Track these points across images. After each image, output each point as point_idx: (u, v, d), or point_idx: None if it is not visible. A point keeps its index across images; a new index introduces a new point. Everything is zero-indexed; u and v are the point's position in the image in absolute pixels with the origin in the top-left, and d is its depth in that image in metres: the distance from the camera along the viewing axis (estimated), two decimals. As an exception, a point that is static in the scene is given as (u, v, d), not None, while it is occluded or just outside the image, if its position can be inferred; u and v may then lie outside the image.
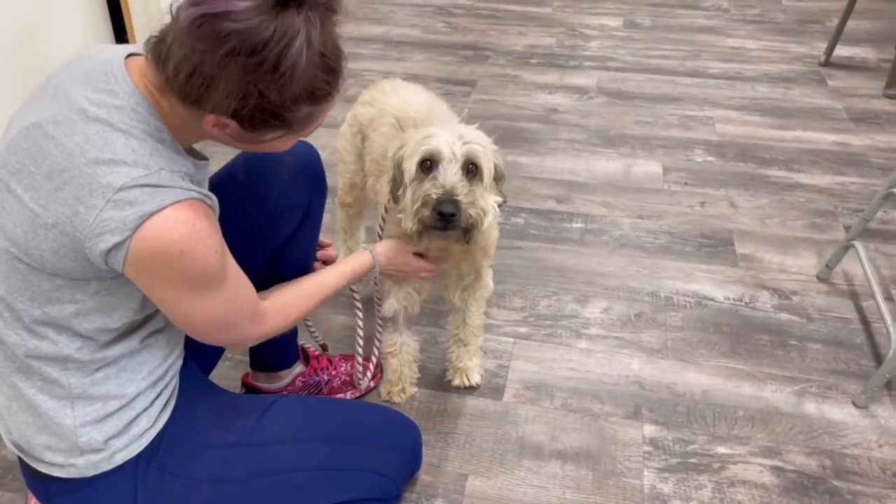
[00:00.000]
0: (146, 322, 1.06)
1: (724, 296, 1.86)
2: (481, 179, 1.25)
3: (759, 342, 1.71)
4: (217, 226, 0.98)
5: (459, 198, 1.20)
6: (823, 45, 3.18)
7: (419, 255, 1.37)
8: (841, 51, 3.18)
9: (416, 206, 1.23)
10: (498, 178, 1.30)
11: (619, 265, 1.96)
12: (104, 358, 1.02)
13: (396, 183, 1.30)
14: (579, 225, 2.12)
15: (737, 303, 1.83)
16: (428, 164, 1.24)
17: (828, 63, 3.13)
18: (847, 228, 2.04)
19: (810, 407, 1.55)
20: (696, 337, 1.73)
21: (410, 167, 1.25)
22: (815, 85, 2.96)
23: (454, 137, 1.24)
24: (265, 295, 1.14)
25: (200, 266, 0.94)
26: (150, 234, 0.89)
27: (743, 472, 1.41)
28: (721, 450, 1.46)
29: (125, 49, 0.98)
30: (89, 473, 1.07)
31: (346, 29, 0.96)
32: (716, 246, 2.03)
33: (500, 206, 1.29)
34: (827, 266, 1.89)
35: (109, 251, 0.89)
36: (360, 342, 1.46)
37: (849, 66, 3.11)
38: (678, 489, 1.38)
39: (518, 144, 2.52)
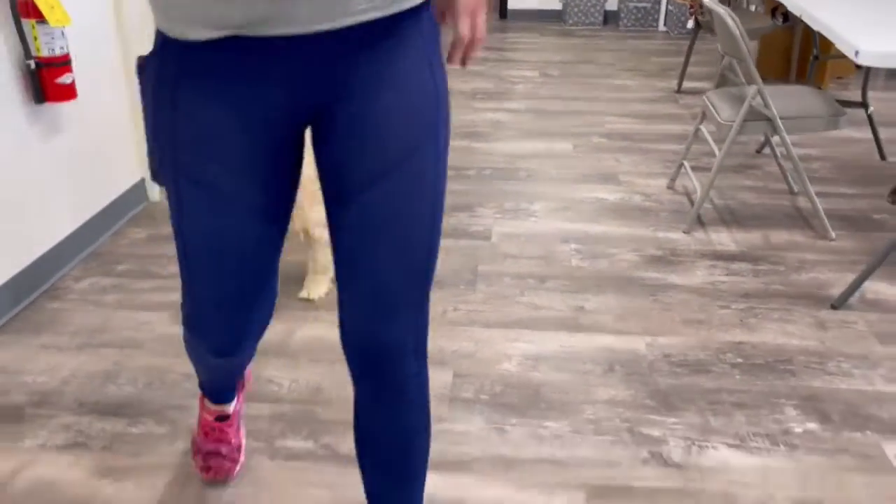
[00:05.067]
0: None
1: (612, 197, 3.12)
2: None
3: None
4: None
5: None
6: (675, 82, 4.66)
7: None
8: (687, 84, 4.66)
9: None
10: None
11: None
12: None
13: None
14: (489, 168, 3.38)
15: (620, 200, 3.10)
16: None
17: (680, 91, 4.59)
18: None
19: None
20: (597, 213, 2.98)
21: None
22: (670, 103, 4.39)
23: None
24: None
25: None
26: None
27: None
28: (612, 250, 2.68)
29: None
30: None
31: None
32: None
33: None
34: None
35: None
36: None
37: (693, 91, 4.58)
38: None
39: (474, 138, 3.80)
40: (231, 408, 1.58)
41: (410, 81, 0.96)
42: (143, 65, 0.98)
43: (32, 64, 2.17)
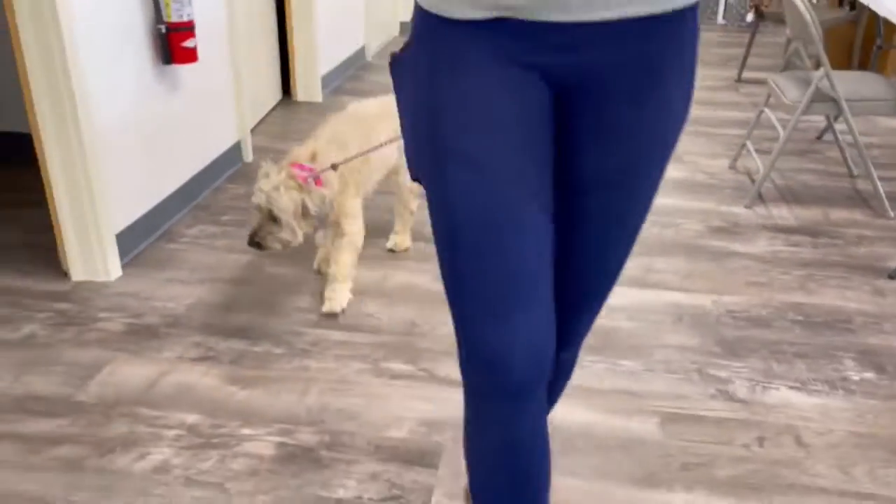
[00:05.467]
0: None
1: (676, 174, 3.28)
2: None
3: (696, 189, 3.13)
4: None
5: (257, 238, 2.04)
6: (736, 72, 4.77)
7: None
8: (746, 74, 4.78)
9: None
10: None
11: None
12: None
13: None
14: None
15: (683, 177, 3.25)
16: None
17: (740, 80, 4.71)
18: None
19: None
20: (662, 188, 3.14)
21: None
22: (731, 91, 4.51)
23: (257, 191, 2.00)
24: None
25: None
26: None
27: (688, 227, 2.79)
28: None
29: None
30: None
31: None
32: (671, 157, 3.47)
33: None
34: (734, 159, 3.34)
35: None
36: None
37: (754, 81, 4.69)
38: (656, 231, 2.75)
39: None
40: None
41: (670, 92, 0.94)
42: (396, 61, 0.97)
43: (164, 28, 2.42)
